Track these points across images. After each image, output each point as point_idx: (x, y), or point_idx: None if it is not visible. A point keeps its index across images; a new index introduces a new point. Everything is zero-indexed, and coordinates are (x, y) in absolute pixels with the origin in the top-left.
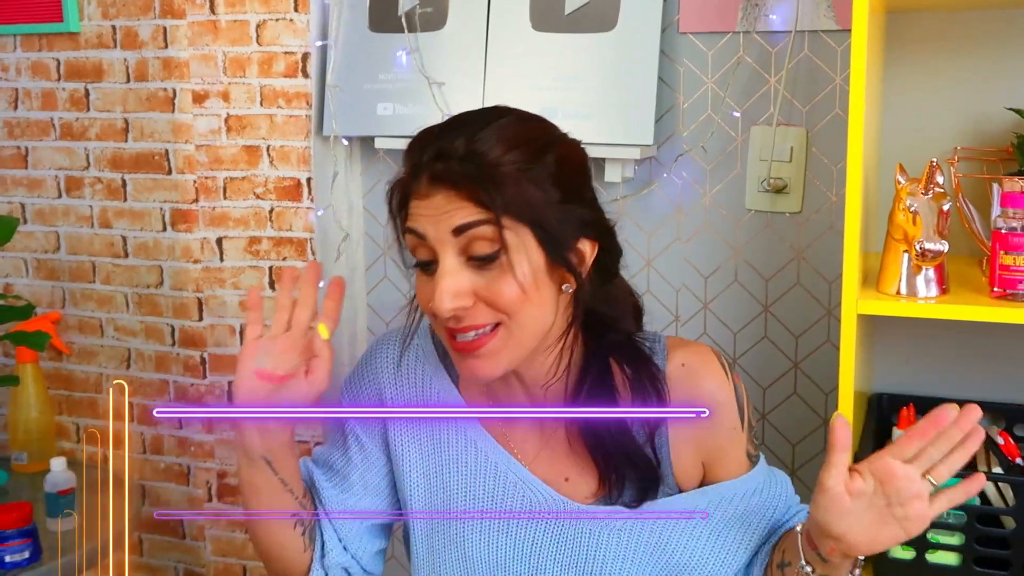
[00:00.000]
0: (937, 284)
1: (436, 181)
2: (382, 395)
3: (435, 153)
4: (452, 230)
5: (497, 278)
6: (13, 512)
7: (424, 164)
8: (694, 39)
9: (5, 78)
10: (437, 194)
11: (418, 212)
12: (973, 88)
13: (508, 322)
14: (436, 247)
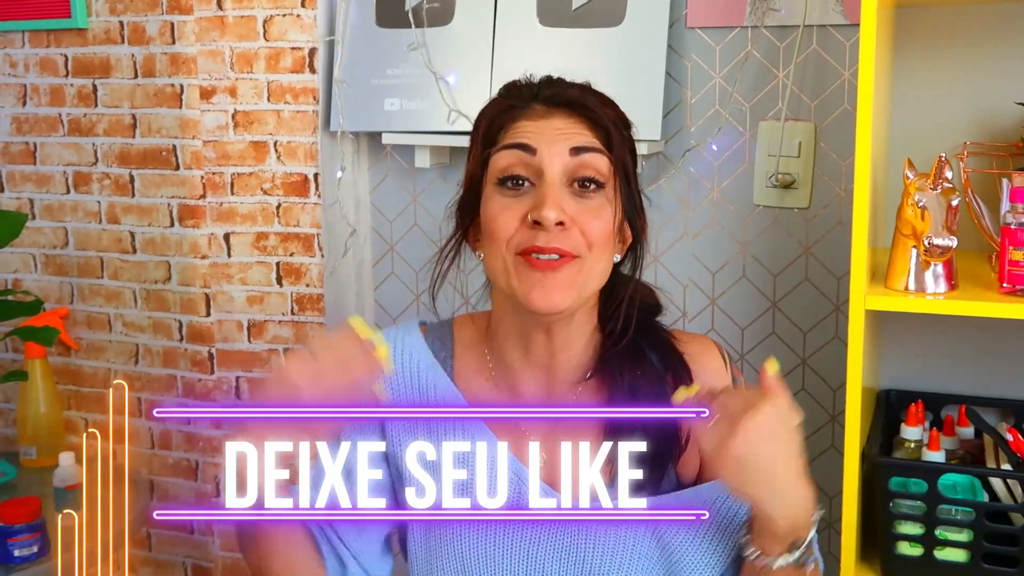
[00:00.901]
0: (946, 280)
1: (554, 104)
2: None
3: (552, 87)
4: (571, 148)
5: (594, 208)
6: (22, 507)
7: (538, 92)
8: (702, 34)
9: (13, 74)
10: (555, 116)
11: (530, 130)
12: (982, 83)
13: (586, 257)
14: (544, 163)
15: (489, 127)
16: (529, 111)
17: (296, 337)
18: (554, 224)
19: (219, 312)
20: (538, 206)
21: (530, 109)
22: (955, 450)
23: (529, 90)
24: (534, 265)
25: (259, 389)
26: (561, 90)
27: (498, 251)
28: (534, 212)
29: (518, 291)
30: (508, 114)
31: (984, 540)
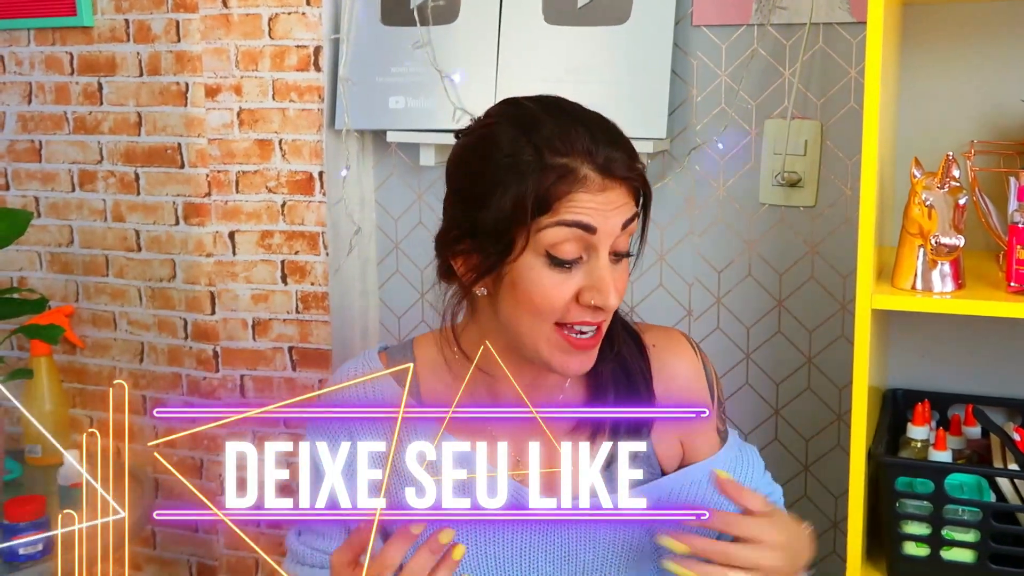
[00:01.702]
0: (953, 279)
1: (611, 176)
2: (351, 428)
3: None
4: (622, 224)
5: (622, 272)
6: (27, 505)
7: (594, 155)
8: (708, 32)
9: (19, 72)
10: (612, 189)
11: (589, 206)
12: (990, 81)
13: (607, 319)
14: (599, 242)
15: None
16: (587, 182)
17: (301, 335)
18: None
19: (224, 310)
20: (600, 290)
21: (588, 179)
22: (962, 450)
23: (584, 145)
24: (576, 345)
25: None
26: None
27: (537, 324)
28: (596, 297)
29: (553, 362)
30: (564, 183)
31: (991, 540)
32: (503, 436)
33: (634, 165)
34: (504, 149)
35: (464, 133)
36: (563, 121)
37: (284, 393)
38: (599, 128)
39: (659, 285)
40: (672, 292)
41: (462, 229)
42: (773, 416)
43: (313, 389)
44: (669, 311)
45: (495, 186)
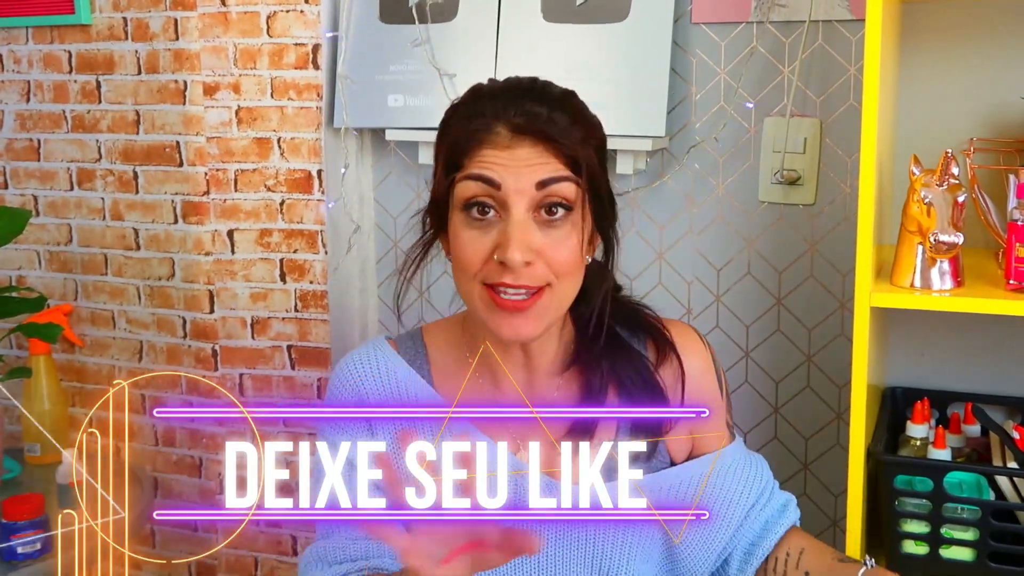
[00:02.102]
0: (952, 277)
1: (520, 133)
2: (366, 405)
3: (519, 108)
4: (536, 183)
5: (561, 238)
6: (25, 503)
7: (504, 115)
8: (707, 29)
9: (17, 70)
10: (521, 146)
11: (494, 161)
12: (989, 78)
13: (555, 284)
14: (509, 198)
15: (452, 150)
16: (494, 137)
17: (300, 334)
18: (521, 265)
19: (223, 309)
20: (503, 245)
21: (495, 135)
22: (961, 448)
23: (495, 107)
24: (501, 305)
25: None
26: (529, 112)
27: (466, 280)
28: (500, 252)
29: (488, 322)
30: (473, 138)
31: (990, 539)
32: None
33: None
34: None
35: None
36: (495, 89)
37: (283, 391)
38: (532, 95)
39: (658, 283)
40: (671, 290)
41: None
42: (772, 415)
43: (312, 388)
44: (668, 309)
45: (436, 155)
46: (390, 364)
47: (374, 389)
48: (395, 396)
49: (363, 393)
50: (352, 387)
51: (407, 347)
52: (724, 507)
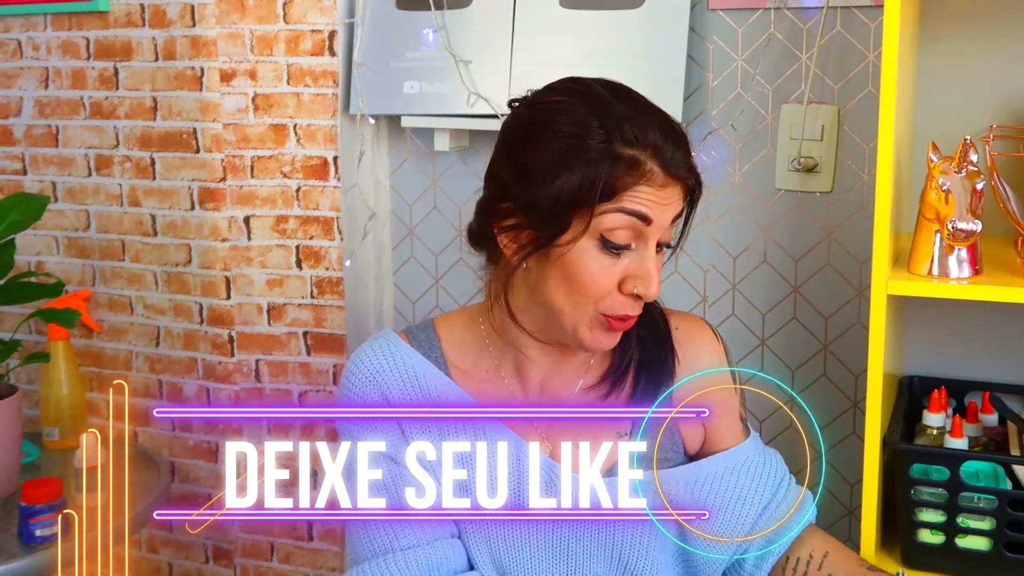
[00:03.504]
0: (970, 264)
1: (674, 177)
2: (387, 396)
3: (671, 148)
4: (671, 218)
5: (661, 263)
6: (43, 487)
7: (661, 154)
8: (724, 16)
9: (36, 57)
10: (673, 186)
11: (650, 199)
12: (1010, 64)
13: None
14: (651, 233)
15: (611, 179)
16: (651, 176)
17: (315, 320)
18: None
19: (239, 295)
20: (644, 280)
21: (653, 173)
22: (978, 437)
23: (654, 139)
24: (615, 327)
25: None
26: (678, 159)
27: (581, 304)
28: (640, 286)
29: (586, 339)
30: (631, 174)
31: (1007, 528)
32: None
33: (693, 166)
34: (572, 128)
35: (525, 104)
36: (634, 110)
37: (299, 377)
38: (666, 125)
39: (674, 271)
40: (687, 278)
41: (516, 203)
42: (788, 403)
43: (327, 374)
44: (684, 297)
45: (559, 166)
46: (406, 357)
47: (394, 383)
48: (416, 389)
49: (384, 387)
50: (371, 381)
51: (420, 339)
52: (738, 505)
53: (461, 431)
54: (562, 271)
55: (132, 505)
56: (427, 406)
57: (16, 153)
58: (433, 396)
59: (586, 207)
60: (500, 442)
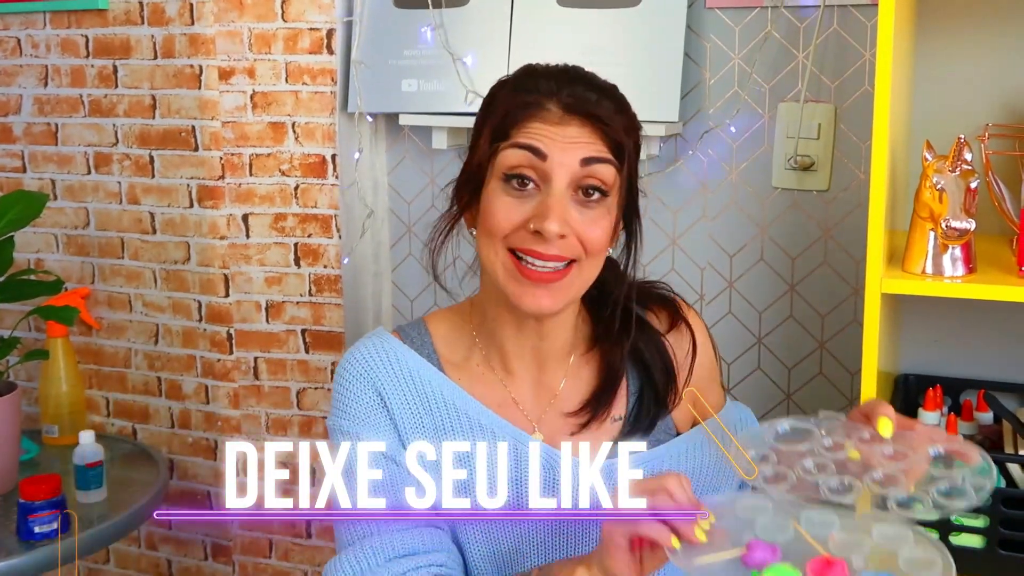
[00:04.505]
0: (964, 263)
1: (571, 112)
2: (382, 394)
3: (571, 88)
4: (581, 159)
5: (595, 218)
6: (43, 484)
7: (556, 94)
8: (721, 14)
9: (35, 55)
10: (570, 125)
11: (543, 134)
12: (1005, 64)
13: (582, 262)
14: (553, 171)
15: (503, 119)
16: (545, 113)
17: (314, 318)
18: (556, 236)
19: (238, 293)
20: (541, 215)
21: (546, 111)
22: (973, 435)
23: (548, 86)
24: (526, 275)
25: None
26: (580, 95)
27: (492, 245)
28: (537, 221)
29: (509, 293)
30: (523, 111)
31: (1000, 526)
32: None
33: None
34: (492, 96)
35: None
36: (548, 70)
37: (297, 375)
38: (582, 78)
39: (671, 269)
40: (684, 276)
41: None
42: (785, 401)
43: (326, 371)
44: (681, 295)
45: (479, 126)
46: (399, 353)
47: (387, 377)
48: (410, 385)
49: (377, 384)
50: (365, 378)
51: (412, 337)
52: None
53: (458, 427)
54: (482, 218)
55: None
56: (422, 401)
57: (15, 151)
58: (427, 391)
59: (489, 150)
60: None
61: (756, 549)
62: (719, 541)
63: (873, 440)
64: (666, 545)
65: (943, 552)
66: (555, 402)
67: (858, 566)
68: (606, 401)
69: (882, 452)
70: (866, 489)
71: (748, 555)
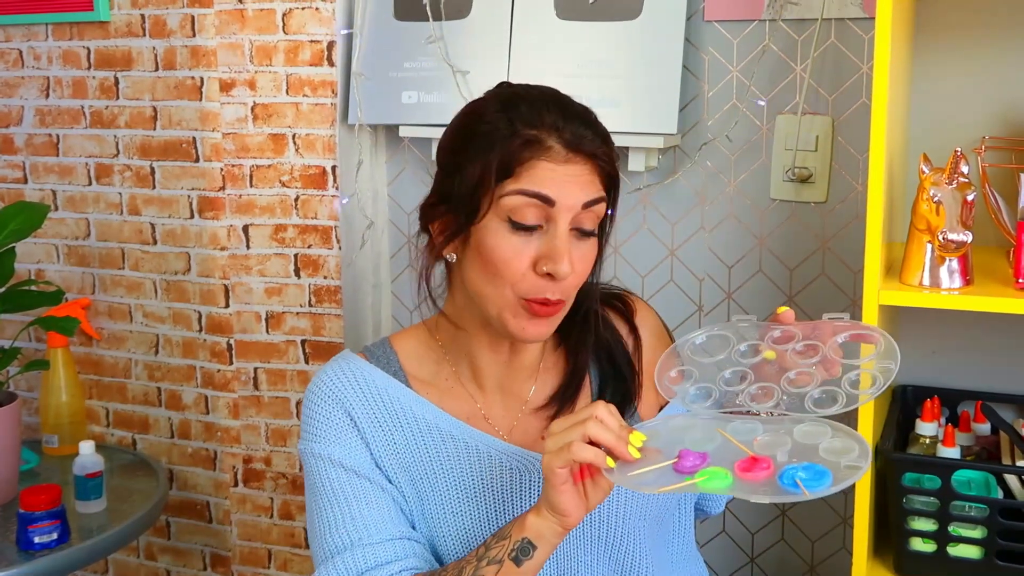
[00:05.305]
0: (961, 275)
1: (575, 149)
2: (351, 414)
3: (572, 124)
4: (583, 203)
5: (586, 254)
6: (43, 494)
7: (561, 129)
8: (719, 27)
9: (37, 66)
10: (574, 162)
11: (550, 176)
12: (1002, 76)
13: (570, 293)
14: (559, 215)
15: (506, 156)
16: (550, 152)
17: (314, 329)
18: (567, 277)
19: (238, 303)
20: (552, 258)
21: (551, 148)
22: (971, 446)
23: (552, 120)
24: (537, 312)
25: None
26: (580, 132)
27: (499, 288)
28: (548, 264)
29: (511, 326)
30: (528, 149)
31: (998, 537)
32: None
33: (603, 146)
34: (480, 119)
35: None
36: (541, 100)
37: (297, 385)
38: (574, 111)
39: (670, 280)
40: (682, 287)
41: (440, 195)
42: None
43: None
44: (679, 306)
45: (470, 153)
46: (366, 373)
47: (355, 397)
48: (378, 404)
49: (346, 404)
50: (333, 398)
51: (378, 356)
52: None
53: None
54: (479, 255)
55: (131, 512)
56: (391, 417)
57: (17, 162)
58: (396, 408)
59: (488, 188)
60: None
61: (687, 457)
62: (652, 457)
63: (784, 338)
64: (601, 465)
65: (860, 440)
66: (525, 407)
67: (782, 460)
68: (571, 394)
69: (794, 349)
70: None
71: (679, 463)
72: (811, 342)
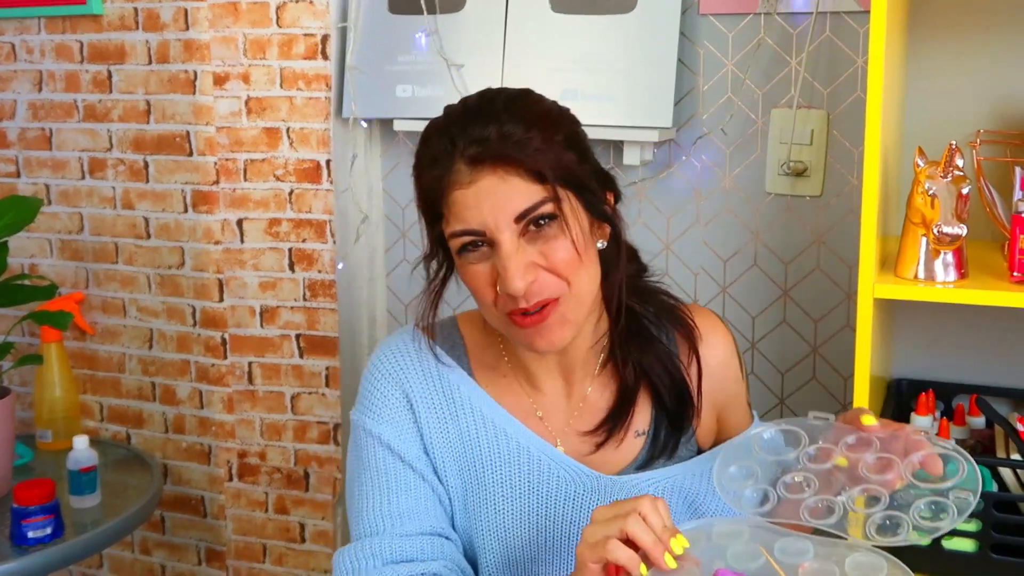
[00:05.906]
0: (955, 268)
1: (477, 164)
2: (409, 396)
3: (466, 137)
4: (515, 218)
5: (552, 243)
6: (36, 489)
7: (457, 148)
8: (714, 21)
9: (30, 60)
10: (482, 177)
11: (464, 204)
12: (997, 70)
13: (567, 289)
14: (495, 237)
15: (428, 203)
16: (456, 176)
17: (308, 323)
18: (522, 293)
19: (232, 298)
20: (502, 279)
21: (456, 173)
22: (966, 439)
23: (445, 143)
24: (523, 324)
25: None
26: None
27: (490, 311)
28: (501, 286)
29: (520, 342)
30: (439, 185)
31: (993, 530)
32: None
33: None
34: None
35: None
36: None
37: (292, 380)
38: (474, 113)
39: (665, 274)
40: (678, 281)
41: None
42: (778, 405)
43: (320, 376)
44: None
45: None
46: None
47: (416, 379)
48: (438, 388)
49: (404, 383)
50: (393, 375)
51: (444, 337)
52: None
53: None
54: (463, 281)
55: (125, 507)
56: (449, 406)
57: (10, 156)
58: (456, 396)
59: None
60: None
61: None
62: (689, 568)
63: (859, 446)
64: (634, 572)
65: None
66: (578, 414)
67: None
68: (621, 420)
69: (867, 461)
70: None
71: None
72: (886, 455)
